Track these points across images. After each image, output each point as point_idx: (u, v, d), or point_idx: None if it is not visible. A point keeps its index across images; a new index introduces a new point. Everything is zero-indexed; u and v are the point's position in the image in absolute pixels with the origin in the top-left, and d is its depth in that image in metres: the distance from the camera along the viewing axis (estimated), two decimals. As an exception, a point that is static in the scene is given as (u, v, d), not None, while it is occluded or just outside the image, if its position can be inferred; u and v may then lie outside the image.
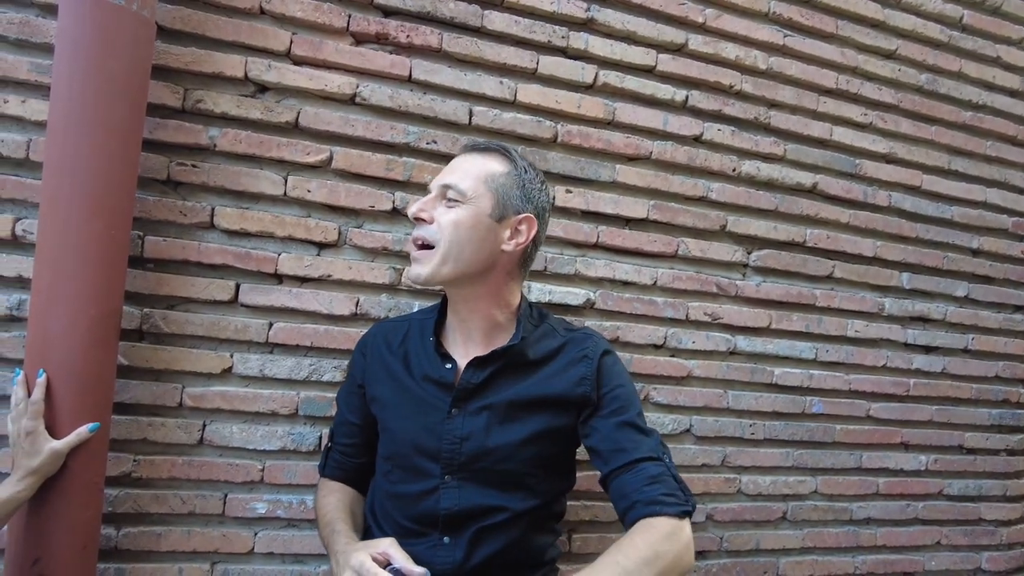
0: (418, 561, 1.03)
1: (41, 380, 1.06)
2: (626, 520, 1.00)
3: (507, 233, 1.07)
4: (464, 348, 1.12)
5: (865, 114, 1.76)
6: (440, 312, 1.17)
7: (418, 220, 1.06)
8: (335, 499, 1.17)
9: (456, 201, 1.04)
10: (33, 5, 1.21)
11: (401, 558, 0.94)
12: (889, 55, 1.78)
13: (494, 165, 1.08)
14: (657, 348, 1.59)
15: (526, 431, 1.09)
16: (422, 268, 1.05)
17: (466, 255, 1.04)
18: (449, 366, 1.10)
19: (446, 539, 1.07)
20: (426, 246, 1.05)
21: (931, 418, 1.83)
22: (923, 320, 1.84)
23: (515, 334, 1.11)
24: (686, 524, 0.97)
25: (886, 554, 1.78)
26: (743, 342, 1.66)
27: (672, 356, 1.60)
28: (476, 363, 1.09)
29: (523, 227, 1.08)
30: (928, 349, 1.84)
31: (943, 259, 1.84)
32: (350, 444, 1.21)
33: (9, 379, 1.14)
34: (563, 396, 1.10)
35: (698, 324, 1.63)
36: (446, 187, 1.06)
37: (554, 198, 1.50)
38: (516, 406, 1.09)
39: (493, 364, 1.10)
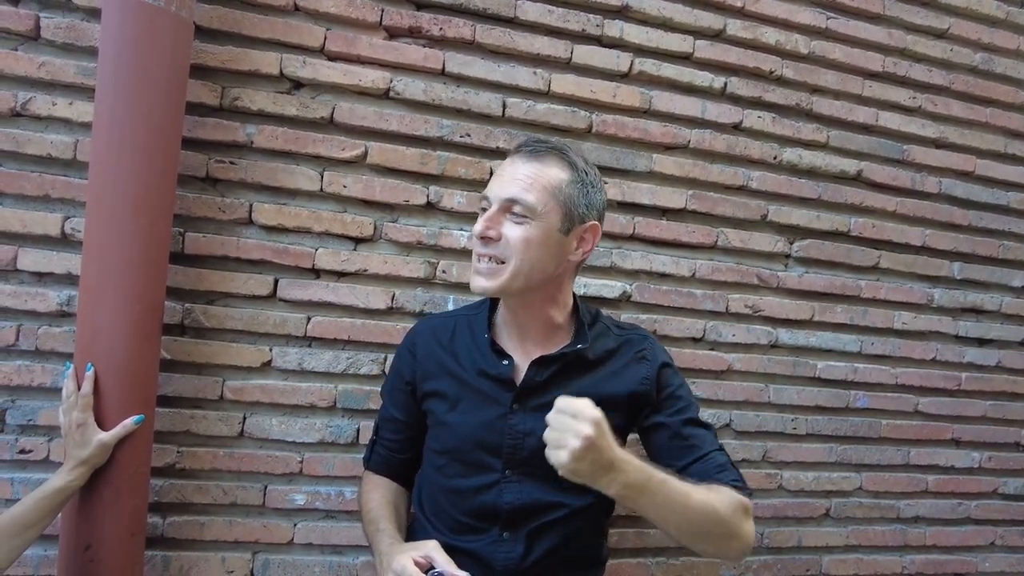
0: (478, 558, 1.04)
1: (89, 374, 1.09)
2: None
3: (574, 244, 1.06)
4: (520, 346, 1.12)
5: (914, 97, 1.68)
6: (490, 309, 1.15)
7: (485, 239, 1.01)
8: (379, 495, 1.16)
9: (524, 217, 1.00)
10: (79, 9, 1.24)
11: (444, 561, 0.95)
12: (940, 34, 1.70)
13: (557, 172, 1.02)
14: (696, 341, 1.56)
15: None
16: (491, 283, 1.01)
17: (536, 270, 1.02)
18: (506, 363, 1.09)
19: (505, 535, 1.06)
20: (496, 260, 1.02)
21: (985, 413, 1.75)
22: (976, 311, 1.76)
23: (581, 336, 1.11)
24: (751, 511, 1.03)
25: (936, 554, 1.72)
26: (785, 335, 1.62)
27: (711, 349, 1.57)
28: (541, 362, 1.09)
29: (588, 235, 1.06)
30: (982, 342, 1.76)
31: (998, 247, 1.76)
32: (395, 439, 1.20)
33: (61, 372, 1.18)
34: (622, 396, 1.11)
35: (738, 316, 1.59)
36: (511, 201, 1.00)
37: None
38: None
39: (557, 364, 1.09)
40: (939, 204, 1.72)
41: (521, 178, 1.01)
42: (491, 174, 1.33)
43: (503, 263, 1.01)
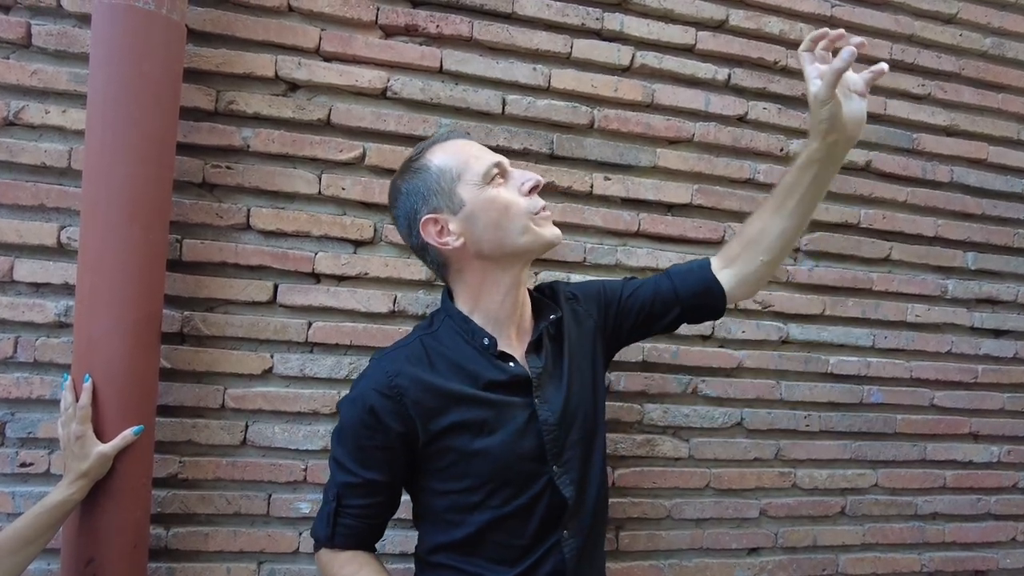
0: (548, 567, 1.00)
1: (87, 385, 1.08)
2: (702, 268, 1.14)
3: None
4: (513, 340, 1.06)
5: (923, 85, 1.65)
6: (460, 319, 1.05)
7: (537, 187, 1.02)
8: (372, 572, 1.00)
9: None
10: (71, 16, 1.23)
11: None
12: (949, 19, 1.66)
13: None
14: (705, 339, 1.53)
15: (586, 385, 1.08)
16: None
17: None
18: (512, 364, 1.03)
19: (566, 532, 1.02)
20: None
21: (1003, 406, 1.71)
22: (991, 302, 1.72)
23: (545, 307, 1.10)
24: None
25: (956, 551, 1.68)
26: (796, 330, 1.58)
27: (721, 347, 1.54)
28: (532, 349, 1.05)
29: None
30: (998, 333, 1.72)
31: (1013, 236, 1.72)
32: (369, 504, 1.01)
33: (60, 384, 1.17)
34: (587, 337, 1.12)
35: (748, 312, 1.56)
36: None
37: (592, 186, 1.47)
38: (571, 369, 1.07)
39: (543, 342, 1.07)
40: (951, 193, 1.68)
41: None
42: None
43: None
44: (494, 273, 1.02)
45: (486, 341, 1.02)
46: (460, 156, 0.99)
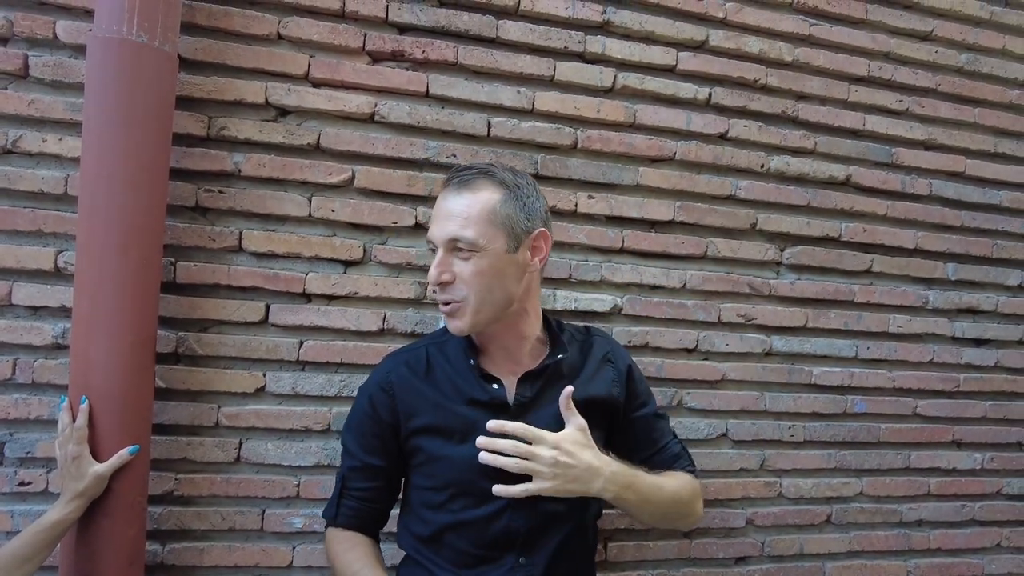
0: None
1: (84, 406, 1.11)
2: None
3: (527, 255, 1.06)
4: (505, 365, 1.11)
5: (900, 100, 1.69)
6: (468, 337, 1.12)
7: (442, 284, 1.02)
8: (361, 554, 1.08)
9: (470, 251, 1.00)
10: (66, 47, 1.26)
11: None
12: (925, 37, 1.70)
13: (488, 196, 1.02)
14: (689, 352, 1.56)
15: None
16: (461, 322, 1.03)
17: (497, 296, 1.03)
18: (496, 386, 1.08)
19: (522, 559, 1.05)
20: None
21: (985, 414, 1.74)
22: (972, 312, 1.75)
23: (559, 346, 1.13)
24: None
25: (941, 557, 1.71)
26: (779, 342, 1.62)
27: (705, 359, 1.57)
28: (527, 378, 1.09)
29: (539, 242, 1.07)
30: (979, 342, 1.76)
31: (992, 247, 1.76)
32: (370, 488, 1.12)
33: (57, 405, 1.20)
34: (600, 398, 1.14)
35: (731, 326, 1.59)
36: (453, 240, 1.01)
37: (576, 204, 1.50)
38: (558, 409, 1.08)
39: (543, 377, 1.10)
40: (930, 206, 1.72)
41: (456, 214, 1.01)
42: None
43: (461, 302, 1.02)
44: None
45: (472, 361, 1.08)
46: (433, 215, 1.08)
